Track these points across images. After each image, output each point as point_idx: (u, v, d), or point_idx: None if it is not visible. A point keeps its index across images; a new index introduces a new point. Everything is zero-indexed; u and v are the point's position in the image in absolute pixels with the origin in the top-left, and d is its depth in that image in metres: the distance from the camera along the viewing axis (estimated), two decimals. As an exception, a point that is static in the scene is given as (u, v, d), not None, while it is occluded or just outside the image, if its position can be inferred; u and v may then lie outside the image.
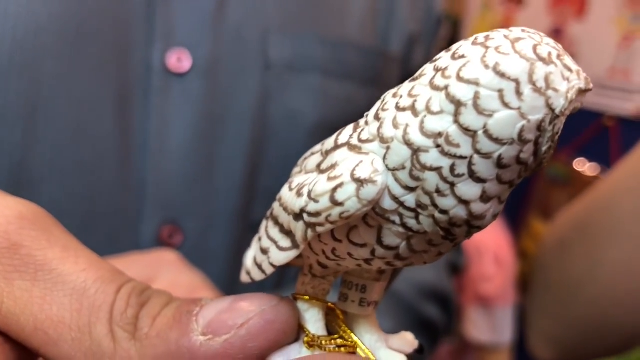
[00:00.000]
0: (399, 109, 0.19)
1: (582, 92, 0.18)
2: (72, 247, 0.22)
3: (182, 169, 0.49)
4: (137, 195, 0.48)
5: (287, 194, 0.22)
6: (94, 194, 0.46)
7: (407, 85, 0.19)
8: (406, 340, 0.24)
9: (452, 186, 0.18)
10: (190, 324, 0.20)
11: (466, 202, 0.18)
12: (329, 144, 0.21)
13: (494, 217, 0.19)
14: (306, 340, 0.22)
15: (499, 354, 1.50)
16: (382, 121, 0.19)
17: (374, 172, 0.19)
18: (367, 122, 0.20)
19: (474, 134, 0.17)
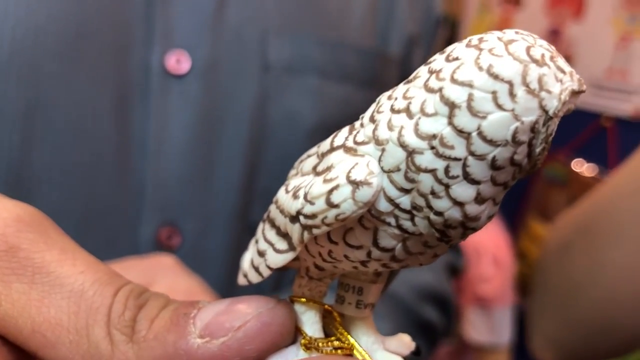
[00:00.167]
0: (394, 111, 0.19)
1: (575, 93, 0.18)
2: (70, 249, 0.22)
3: (181, 171, 0.49)
4: (136, 196, 0.48)
5: (283, 196, 0.22)
6: (93, 195, 0.46)
7: (402, 87, 0.20)
8: (403, 342, 0.24)
9: (447, 188, 0.18)
10: (187, 326, 0.20)
11: (461, 204, 0.18)
12: (325, 146, 0.21)
13: (489, 218, 0.19)
14: (303, 342, 0.22)
15: (498, 355, 1.50)
16: (377, 123, 0.19)
17: (369, 174, 0.19)
18: (362, 125, 0.20)
19: (468, 135, 0.18)
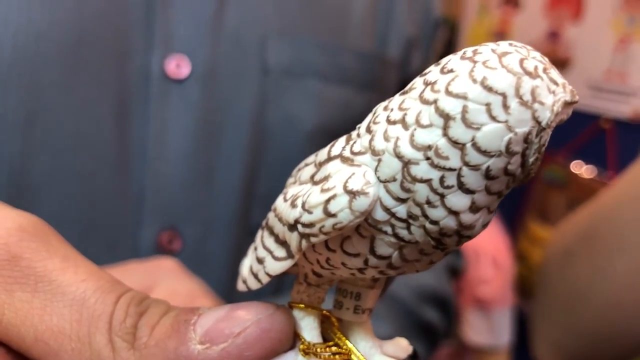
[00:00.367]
0: (390, 122, 0.19)
1: (568, 104, 0.19)
2: (72, 257, 0.22)
3: (181, 175, 0.49)
4: (136, 201, 0.48)
5: (281, 204, 0.22)
6: (94, 201, 0.46)
7: (398, 98, 0.20)
8: (400, 346, 0.24)
9: (442, 197, 0.18)
10: (188, 332, 0.20)
11: (456, 213, 0.19)
12: (322, 155, 0.22)
13: (484, 226, 0.20)
14: (302, 347, 0.22)
15: (497, 357, 1.50)
16: (374, 134, 0.20)
17: (365, 184, 0.19)
18: (359, 135, 0.20)
19: (462, 146, 0.18)
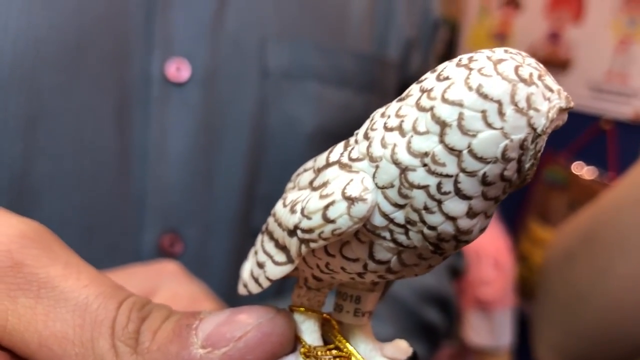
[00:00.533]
0: (387, 128, 0.20)
1: (563, 110, 0.19)
2: (74, 263, 0.22)
3: (182, 178, 0.49)
4: (138, 204, 0.48)
5: (281, 210, 0.22)
6: (95, 204, 0.47)
7: (395, 105, 0.20)
8: (400, 347, 0.24)
9: (439, 203, 0.19)
10: (189, 337, 0.21)
11: (453, 219, 0.19)
12: (321, 161, 0.22)
13: (481, 231, 0.20)
14: (302, 351, 0.22)
15: (498, 358, 1.50)
16: (371, 140, 0.20)
17: (364, 191, 0.19)
18: (356, 141, 0.21)
19: (459, 153, 0.18)
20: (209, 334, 0.21)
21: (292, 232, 0.21)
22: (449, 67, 0.19)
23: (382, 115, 0.20)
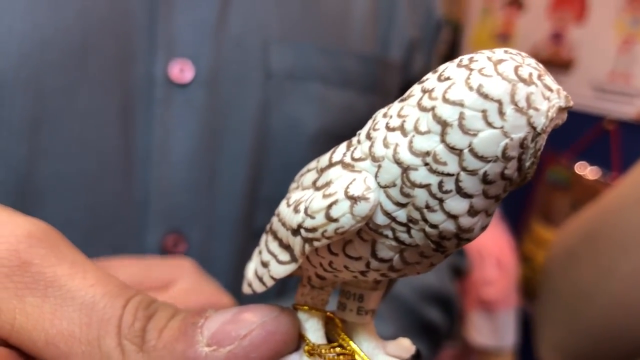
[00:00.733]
0: (389, 128, 0.20)
1: (563, 109, 0.19)
2: (80, 263, 0.22)
3: (185, 178, 0.49)
4: (141, 205, 0.48)
5: (285, 209, 0.23)
6: (99, 205, 0.47)
7: (397, 105, 0.20)
8: (403, 346, 0.25)
9: (441, 202, 0.19)
10: (195, 335, 0.21)
11: (455, 217, 0.19)
12: (324, 161, 0.22)
13: (482, 229, 0.20)
14: (306, 349, 0.23)
15: (502, 358, 1.50)
16: (374, 140, 0.20)
17: (366, 190, 0.19)
18: (359, 141, 0.21)
19: (460, 152, 0.18)
20: (214, 332, 0.21)
21: (295, 232, 0.21)
22: (449, 68, 0.19)
23: (384, 115, 0.21)
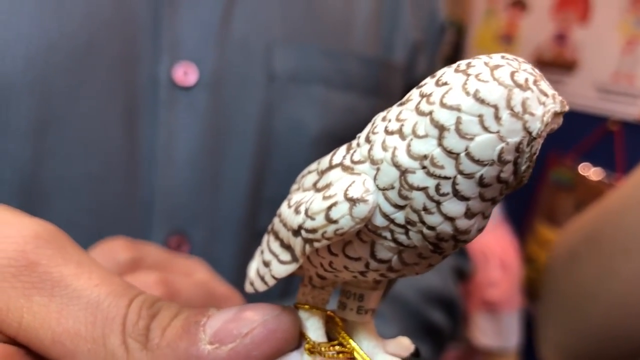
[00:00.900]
0: (388, 132, 0.20)
1: (558, 114, 0.20)
2: (86, 263, 0.23)
3: (189, 180, 0.49)
4: (145, 206, 0.49)
5: (286, 210, 0.23)
6: (103, 206, 0.47)
7: (396, 109, 0.21)
8: (402, 344, 0.25)
9: (438, 204, 0.19)
10: (198, 333, 0.21)
11: (452, 219, 0.20)
12: (324, 163, 0.22)
13: (479, 231, 0.21)
14: (307, 347, 0.23)
15: (506, 359, 1.50)
16: (372, 144, 0.20)
17: (365, 192, 0.20)
18: (358, 144, 0.21)
19: (456, 156, 0.19)
20: (216, 331, 0.21)
21: (296, 232, 0.22)
22: (447, 73, 0.20)
23: (383, 119, 0.21)
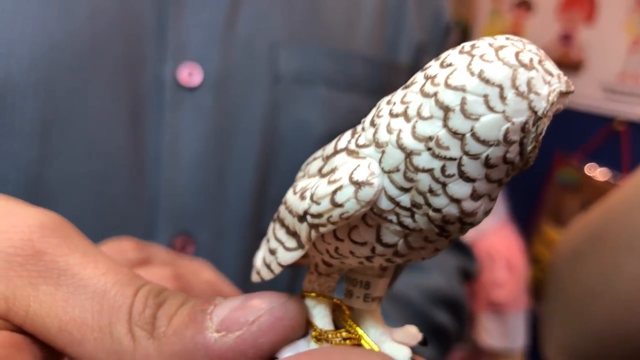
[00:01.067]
0: (393, 115, 0.20)
1: (564, 94, 0.19)
2: (92, 252, 0.23)
3: (194, 181, 0.49)
4: (151, 207, 0.49)
5: (291, 197, 0.23)
6: (109, 207, 0.47)
7: (400, 92, 0.21)
8: (410, 333, 0.25)
9: (444, 186, 0.19)
10: (205, 321, 0.21)
11: (457, 201, 0.19)
12: (329, 149, 0.23)
13: (486, 213, 0.20)
14: (314, 334, 0.23)
15: (512, 360, 1.50)
16: (377, 127, 0.20)
17: (370, 175, 0.20)
18: (363, 128, 0.21)
19: (462, 136, 0.19)
20: (223, 319, 0.21)
21: (302, 218, 0.22)
22: (452, 55, 0.20)
23: (388, 102, 0.21)
